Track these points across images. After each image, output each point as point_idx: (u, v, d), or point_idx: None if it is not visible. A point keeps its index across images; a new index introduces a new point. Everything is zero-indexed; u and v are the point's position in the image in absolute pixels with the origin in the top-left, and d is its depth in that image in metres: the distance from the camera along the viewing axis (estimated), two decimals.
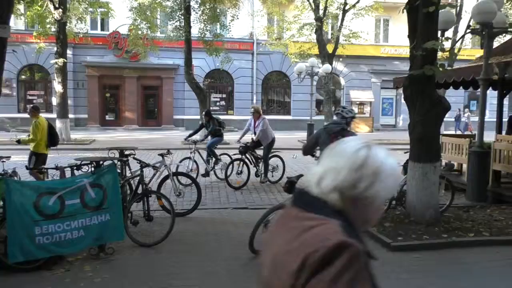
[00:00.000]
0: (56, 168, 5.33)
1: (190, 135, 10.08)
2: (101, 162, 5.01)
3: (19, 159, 8.60)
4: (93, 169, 4.94)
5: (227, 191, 9.04)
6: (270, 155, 9.90)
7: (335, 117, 5.37)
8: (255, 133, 9.67)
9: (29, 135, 7.95)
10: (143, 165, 5.67)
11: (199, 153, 9.69)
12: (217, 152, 10.32)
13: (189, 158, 9.56)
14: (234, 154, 9.99)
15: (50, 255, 4.52)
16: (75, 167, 5.17)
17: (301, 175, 5.40)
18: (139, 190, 5.89)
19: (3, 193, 4.33)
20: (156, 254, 5.13)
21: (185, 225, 6.29)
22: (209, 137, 10.38)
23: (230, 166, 9.51)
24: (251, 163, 9.72)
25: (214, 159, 10.05)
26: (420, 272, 4.80)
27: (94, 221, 4.70)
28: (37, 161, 7.44)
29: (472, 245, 5.65)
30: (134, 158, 6.12)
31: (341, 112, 5.34)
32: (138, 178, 5.74)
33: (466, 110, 26.08)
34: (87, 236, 4.66)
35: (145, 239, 5.47)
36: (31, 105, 7.41)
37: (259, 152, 9.99)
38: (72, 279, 4.43)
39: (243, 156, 9.57)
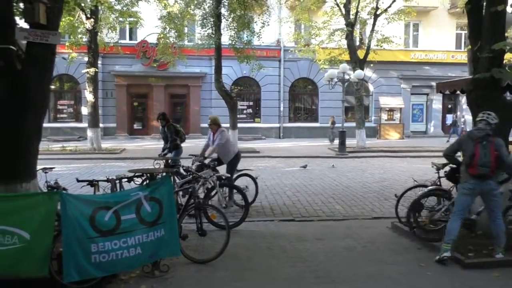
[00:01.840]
0: (107, 180, 5.10)
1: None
2: (154, 174, 4.72)
3: (59, 170, 8.46)
4: (147, 181, 4.66)
5: (269, 201, 8.72)
6: (236, 174, 8.07)
7: (479, 124, 5.26)
8: None
9: None
10: (196, 176, 5.38)
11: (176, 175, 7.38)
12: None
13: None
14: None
15: (106, 274, 4.26)
16: (126, 180, 4.91)
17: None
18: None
19: (56, 207, 4.10)
20: (212, 272, 4.81)
21: (235, 239, 5.93)
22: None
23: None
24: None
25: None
26: None
27: (151, 237, 4.42)
28: None
29: None
30: (187, 170, 5.85)
31: (486, 118, 5.20)
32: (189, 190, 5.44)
33: (463, 115, 25.20)
34: (144, 253, 4.38)
35: (199, 255, 5.16)
36: None
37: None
38: None
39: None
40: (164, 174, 4.75)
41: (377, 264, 5.15)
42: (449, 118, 27.16)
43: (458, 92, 8.65)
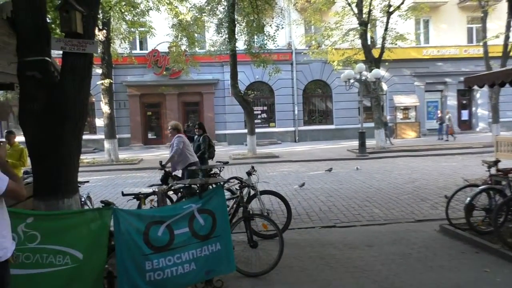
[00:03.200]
0: (154, 193, 4.86)
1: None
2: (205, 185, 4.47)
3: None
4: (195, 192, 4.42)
5: (303, 207, 8.45)
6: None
7: None
8: None
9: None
10: (244, 184, 5.14)
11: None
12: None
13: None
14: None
15: None
16: (172, 191, 4.67)
17: None
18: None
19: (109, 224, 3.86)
20: (269, 286, 4.55)
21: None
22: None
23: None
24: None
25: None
26: None
27: (205, 251, 4.17)
28: None
29: None
30: (236, 178, 5.60)
31: None
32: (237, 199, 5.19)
33: (447, 112, 24.69)
34: (199, 269, 4.12)
35: (250, 267, 4.90)
36: (7, 131, 7.18)
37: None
38: None
39: (164, 187, 5.86)
40: (215, 184, 4.50)
41: (440, 271, 4.85)
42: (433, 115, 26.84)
43: (474, 87, 8.45)
